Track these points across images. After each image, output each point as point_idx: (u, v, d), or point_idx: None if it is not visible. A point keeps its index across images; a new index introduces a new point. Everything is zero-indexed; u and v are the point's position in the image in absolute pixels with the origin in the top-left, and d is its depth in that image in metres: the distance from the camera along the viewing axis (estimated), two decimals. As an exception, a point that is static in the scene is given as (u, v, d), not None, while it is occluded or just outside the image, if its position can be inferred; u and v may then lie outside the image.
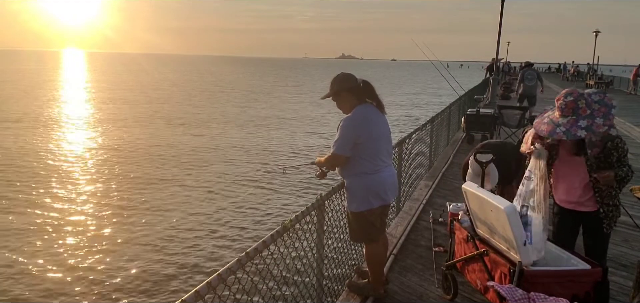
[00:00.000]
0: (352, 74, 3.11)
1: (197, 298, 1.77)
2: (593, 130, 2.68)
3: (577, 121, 2.73)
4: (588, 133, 2.70)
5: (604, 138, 2.81)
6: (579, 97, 2.75)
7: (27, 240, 7.35)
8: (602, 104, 2.74)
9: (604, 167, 2.82)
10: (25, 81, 44.73)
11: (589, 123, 2.70)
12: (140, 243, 7.33)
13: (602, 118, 2.70)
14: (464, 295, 3.45)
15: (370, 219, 3.11)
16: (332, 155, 3.00)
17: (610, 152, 2.82)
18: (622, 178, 2.81)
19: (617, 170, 2.79)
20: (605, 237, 2.99)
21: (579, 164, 2.92)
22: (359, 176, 3.02)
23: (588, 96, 2.78)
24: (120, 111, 23.57)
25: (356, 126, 2.94)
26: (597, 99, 2.76)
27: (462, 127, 10.57)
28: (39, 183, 10.32)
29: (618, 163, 2.81)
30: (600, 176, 2.79)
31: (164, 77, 58.80)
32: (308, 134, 18.15)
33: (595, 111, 2.73)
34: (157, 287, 6.02)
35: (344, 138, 2.94)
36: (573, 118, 2.75)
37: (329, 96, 3.09)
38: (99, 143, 15.31)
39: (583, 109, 2.74)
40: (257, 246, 2.24)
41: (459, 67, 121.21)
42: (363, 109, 3.01)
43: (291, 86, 49.27)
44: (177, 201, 9.41)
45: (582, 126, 2.70)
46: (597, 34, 37.95)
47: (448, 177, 7.11)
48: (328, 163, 3.09)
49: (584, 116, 2.73)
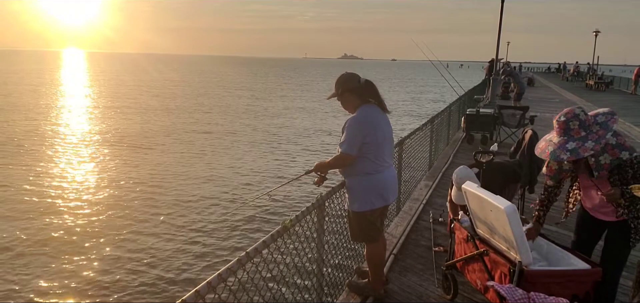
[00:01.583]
0: (355, 74, 3.11)
1: (197, 298, 1.76)
2: (578, 153, 2.57)
3: (566, 143, 2.64)
4: (571, 156, 2.59)
5: (613, 161, 2.66)
6: (572, 118, 2.64)
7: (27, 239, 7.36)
8: (603, 127, 2.62)
9: (621, 183, 2.69)
10: (36, 80, 44.78)
11: (578, 145, 2.59)
12: (141, 242, 7.33)
13: (594, 141, 2.58)
14: (464, 295, 3.45)
15: (372, 219, 3.12)
16: (340, 155, 2.98)
17: (625, 169, 2.66)
18: (632, 196, 2.66)
19: (624, 188, 2.65)
20: (625, 248, 2.84)
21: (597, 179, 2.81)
22: (361, 176, 3.02)
23: (593, 116, 2.67)
24: (132, 107, 23.58)
25: (362, 126, 2.95)
26: (602, 121, 2.64)
27: (462, 127, 10.57)
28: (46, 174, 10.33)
29: (633, 180, 2.65)
30: (604, 193, 2.69)
31: (164, 76, 58.81)
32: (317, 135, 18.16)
33: (591, 134, 2.61)
34: (157, 287, 6.02)
35: (352, 137, 2.93)
36: (564, 138, 2.67)
37: (334, 96, 3.10)
38: (104, 135, 15.34)
39: (575, 131, 2.64)
40: (257, 246, 2.24)
41: (459, 67, 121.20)
42: (367, 109, 3.02)
43: (295, 85, 49.24)
44: (178, 200, 9.41)
45: (568, 148, 2.61)
46: (597, 34, 37.96)
47: (448, 177, 7.09)
48: (334, 164, 3.05)
49: (575, 138, 2.63)
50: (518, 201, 4.89)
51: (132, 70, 78.49)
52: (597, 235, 3.02)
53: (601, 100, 20.92)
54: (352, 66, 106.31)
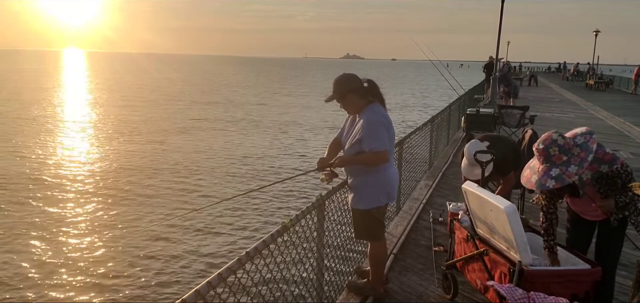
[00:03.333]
0: (355, 75, 3.09)
1: (197, 298, 1.76)
2: (564, 179, 2.56)
3: (549, 169, 2.63)
4: (557, 183, 2.58)
5: (593, 175, 2.67)
6: (550, 145, 2.62)
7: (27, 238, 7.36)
8: (583, 148, 2.60)
9: (610, 192, 2.68)
10: (41, 80, 44.79)
11: (562, 171, 2.58)
12: (141, 241, 7.33)
13: (577, 165, 2.56)
14: (464, 294, 3.45)
15: (377, 216, 3.14)
16: (373, 153, 2.89)
17: (614, 180, 2.65)
18: (624, 205, 2.68)
19: (618, 197, 2.65)
20: (618, 243, 2.85)
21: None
22: (370, 174, 3.02)
23: (571, 138, 2.65)
24: (136, 111, 23.58)
25: (383, 122, 2.95)
26: (581, 143, 2.62)
27: (462, 127, 10.57)
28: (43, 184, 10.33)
29: (623, 189, 2.65)
30: (599, 204, 2.69)
31: (165, 76, 58.78)
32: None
33: (573, 157, 2.59)
34: (157, 286, 6.02)
35: (379, 133, 2.92)
36: (547, 165, 2.65)
37: (334, 99, 3.04)
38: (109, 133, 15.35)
39: (557, 157, 2.61)
40: (257, 246, 2.25)
41: (459, 67, 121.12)
42: (378, 107, 3.02)
43: (295, 85, 49.21)
44: (177, 199, 9.41)
45: (553, 176, 2.59)
46: (597, 34, 37.93)
47: (448, 177, 7.11)
48: (365, 161, 2.98)
49: (558, 164, 2.61)
50: (518, 201, 4.90)
51: (134, 70, 78.46)
52: (588, 233, 3.04)
53: (601, 100, 20.92)
54: (354, 66, 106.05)
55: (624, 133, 11.68)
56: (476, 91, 17.38)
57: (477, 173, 4.16)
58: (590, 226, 2.99)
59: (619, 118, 14.50)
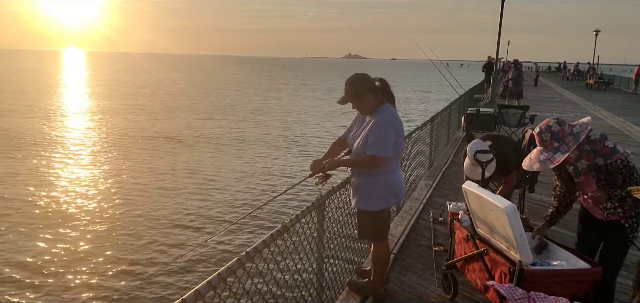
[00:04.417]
0: (367, 74, 3.06)
1: (198, 298, 1.77)
2: (546, 164, 2.68)
3: (541, 154, 2.76)
4: (541, 166, 2.71)
5: (589, 165, 2.69)
6: (544, 131, 2.73)
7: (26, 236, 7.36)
8: (575, 138, 2.66)
9: (609, 187, 2.68)
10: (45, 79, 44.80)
11: (548, 156, 2.69)
12: (140, 241, 7.33)
13: (562, 152, 2.65)
14: (464, 294, 3.45)
15: (384, 217, 3.15)
16: (373, 157, 2.88)
17: (614, 174, 2.66)
18: (620, 198, 2.66)
19: (612, 191, 2.64)
20: (620, 247, 2.84)
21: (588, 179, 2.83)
22: (379, 175, 3.01)
23: (569, 127, 2.70)
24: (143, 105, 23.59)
25: (395, 125, 2.94)
26: (576, 132, 2.68)
27: (462, 126, 10.57)
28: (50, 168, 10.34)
29: (623, 183, 2.64)
30: (590, 196, 2.74)
31: (164, 76, 58.81)
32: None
33: (562, 146, 2.67)
34: (157, 287, 6.02)
35: (386, 138, 2.89)
36: (539, 149, 2.78)
37: (349, 100, 2.98)
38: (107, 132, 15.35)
39: (548, 142, 2.72)
40: (257, 246, 2.25)
41: (459, 67, 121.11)
42: (391, 109, 3.01)
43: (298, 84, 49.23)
44: (177, 199, 9.41)
45: (541, 159, 2.73)
46: (597, 34, 37.94)
47: (448, 176, 7.11)
48: (357, 163, 3.00)
49: (549, 149, 2.72)
50: (518, 200, 4.89)
51: (134, 70, 78.45)
52: (597, 233, 3.01)
53: (601, 99, 20.91)
54: (355, 65, 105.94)
55: (624, 133, 11.68)
56: (476, 91, 17.38)
57: (479, 172, 4.16)
58: (598, 225, 2.95)
59: (619, 117, 14.50)
